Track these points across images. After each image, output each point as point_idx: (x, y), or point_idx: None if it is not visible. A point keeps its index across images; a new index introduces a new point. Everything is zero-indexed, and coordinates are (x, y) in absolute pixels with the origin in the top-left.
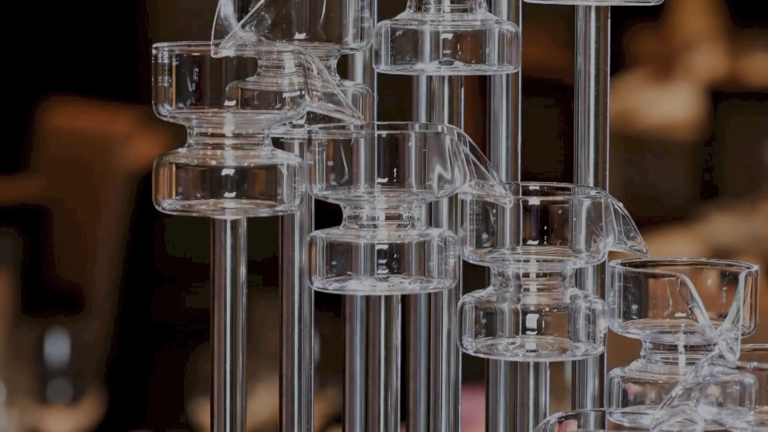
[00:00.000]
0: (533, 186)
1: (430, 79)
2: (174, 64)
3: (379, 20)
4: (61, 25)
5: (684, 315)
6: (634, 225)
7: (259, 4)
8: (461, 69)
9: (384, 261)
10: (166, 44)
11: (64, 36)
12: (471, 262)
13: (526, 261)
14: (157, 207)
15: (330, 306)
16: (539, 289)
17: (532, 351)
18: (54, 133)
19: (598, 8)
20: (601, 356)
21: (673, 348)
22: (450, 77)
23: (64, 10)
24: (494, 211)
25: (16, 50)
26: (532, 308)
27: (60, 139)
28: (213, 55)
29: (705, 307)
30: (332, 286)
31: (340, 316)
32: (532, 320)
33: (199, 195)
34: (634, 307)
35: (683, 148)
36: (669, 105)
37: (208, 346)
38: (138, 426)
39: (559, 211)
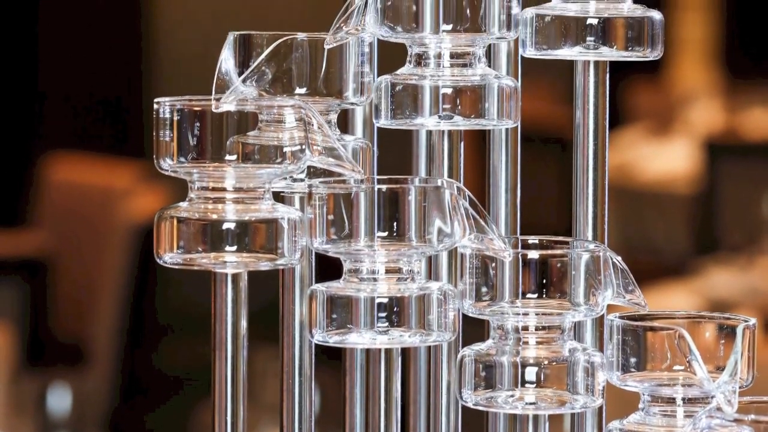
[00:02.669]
0: (532, 240)
1: (429, 133)
2: (175, 118)
3: (379, 75)
4: (64, 80)
5: (682, 368)
6: (632, 278)
7: (259, 59)
8: (461, 123)
9: (384, 314)
10: (167, 99)
11: (67, 90)
12: (470, 315)
13: (525, 314)
14: (158, 260)
15: (330, 358)
16: (538, 342)
17: (531, 404)
18: (56, 187)
19: (596, 63)
20: (600, 409)
21: (671, 400)
22: (450, 131)
23: (67, 66)
24: (493, 264)
25: (19, 104)
26: (531, 361)
27: (62, 193)
28: (214, 110)
29: (703, 360)
30: (332, 339)
31: (340, 368)
32: (531, 373)
33: (200, 249)
34: (633, 359)
35: (681, 201)
36: (667, 159)
37: (209, 398)
38: None
39: (558, 265)
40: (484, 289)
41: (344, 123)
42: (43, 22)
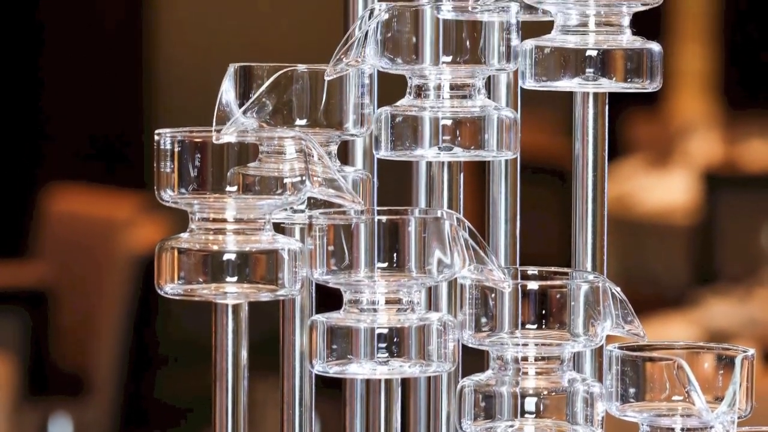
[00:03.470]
0: (532, 270)
1: (429, 164)
2: (176, 149)
3: (379, 106)
4: (65, 111)
5: (681, 398)
6: (631, 309)
7: (260, 91)
8: (460, 155)
9: (384, 345)
10: (168, 130)
11: (68, 122)
12: (470, 345)
13: (525, 345)
14: (159, 291)
15: (330, 388)
16: (538, 373)
17: None
18: (57, 218)
19: (595, 94)
20: None
21: (670, 431)
22: (449, 163)
23: (68, 97)
24: (493, 295)
25: (20, 136)
26: (531, 391)
27: (63, 224)
28: (215, 141)
29: (702, 391)
30: (333, 370)
31: (340, 399)
32: (530, 403)
33: (200, 279)
34: (632, 390)
35: (680, 233)
36: (666, 190)
37: (210, 429)
38: None
39: (558, 296)
40: (483, 320)
41: (344, 154)
42: (46, 54)
